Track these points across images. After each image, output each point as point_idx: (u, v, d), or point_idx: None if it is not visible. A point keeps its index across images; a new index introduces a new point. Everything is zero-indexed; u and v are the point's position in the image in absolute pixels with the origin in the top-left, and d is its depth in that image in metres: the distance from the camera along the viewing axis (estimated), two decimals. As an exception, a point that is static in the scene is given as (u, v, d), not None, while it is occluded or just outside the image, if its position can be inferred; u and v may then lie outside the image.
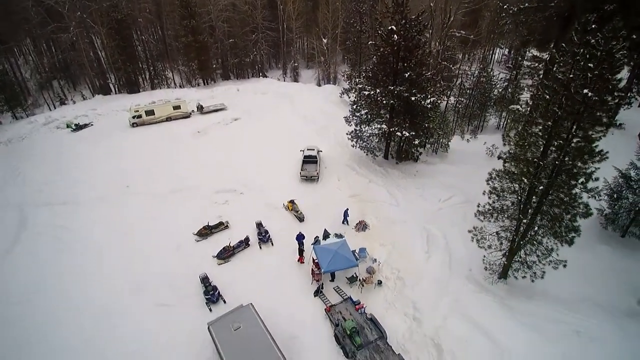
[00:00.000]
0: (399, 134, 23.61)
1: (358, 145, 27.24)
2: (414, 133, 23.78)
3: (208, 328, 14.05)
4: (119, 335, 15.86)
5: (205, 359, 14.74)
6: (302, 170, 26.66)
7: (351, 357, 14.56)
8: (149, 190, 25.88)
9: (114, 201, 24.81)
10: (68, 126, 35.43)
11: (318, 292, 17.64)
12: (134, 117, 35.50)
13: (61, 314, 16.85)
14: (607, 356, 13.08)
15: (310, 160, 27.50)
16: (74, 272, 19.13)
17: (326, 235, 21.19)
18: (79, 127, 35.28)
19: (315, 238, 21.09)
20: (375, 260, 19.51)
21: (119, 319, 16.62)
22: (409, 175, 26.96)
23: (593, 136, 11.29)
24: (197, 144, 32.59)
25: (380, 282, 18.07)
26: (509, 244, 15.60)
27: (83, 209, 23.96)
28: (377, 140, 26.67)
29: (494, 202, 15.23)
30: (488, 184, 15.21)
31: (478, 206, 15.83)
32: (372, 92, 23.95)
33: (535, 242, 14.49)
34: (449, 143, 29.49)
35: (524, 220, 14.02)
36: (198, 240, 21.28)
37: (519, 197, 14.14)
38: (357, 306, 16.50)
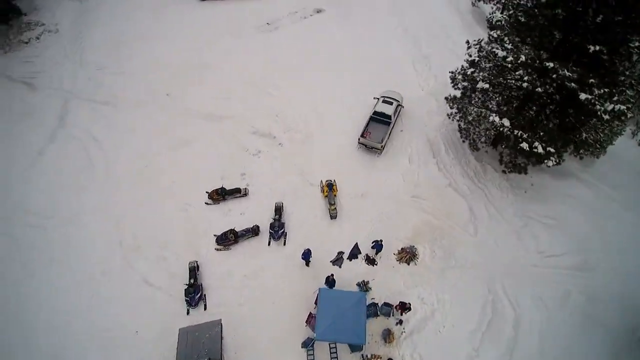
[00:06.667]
0: (524, 145, 13.73)
1: (457, 120, 17.83)
2: (553, 150, 13.63)
3: None
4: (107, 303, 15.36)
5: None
6: (363, 134, 19.21)
7: None
8: (184, 108, 21.92)
9: (149, 113, 21.49)
10: None
11: (307, 345, 14.03)
12: None
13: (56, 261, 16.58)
14: None
15: (381, 119, 19.53)
16: (88, 203, 18.13)
17: (354, 254, 16.20)
18: None
19: (338, 254, 16.28)
20: (400, 322, 14.41)
21: (110, 282, 15.90)
22: (516, 189, 17.75)
23: None
24: (259, 45, 25.16)
25: (389, 364, 13.53)
26: None
27: (118, 117, 21.36)
28: (485, 129, 16.70)
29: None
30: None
31: None
32: (510, 57, 13.11)
33: None
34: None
35: None
36: (208, 204, 18.04)
37: None
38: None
